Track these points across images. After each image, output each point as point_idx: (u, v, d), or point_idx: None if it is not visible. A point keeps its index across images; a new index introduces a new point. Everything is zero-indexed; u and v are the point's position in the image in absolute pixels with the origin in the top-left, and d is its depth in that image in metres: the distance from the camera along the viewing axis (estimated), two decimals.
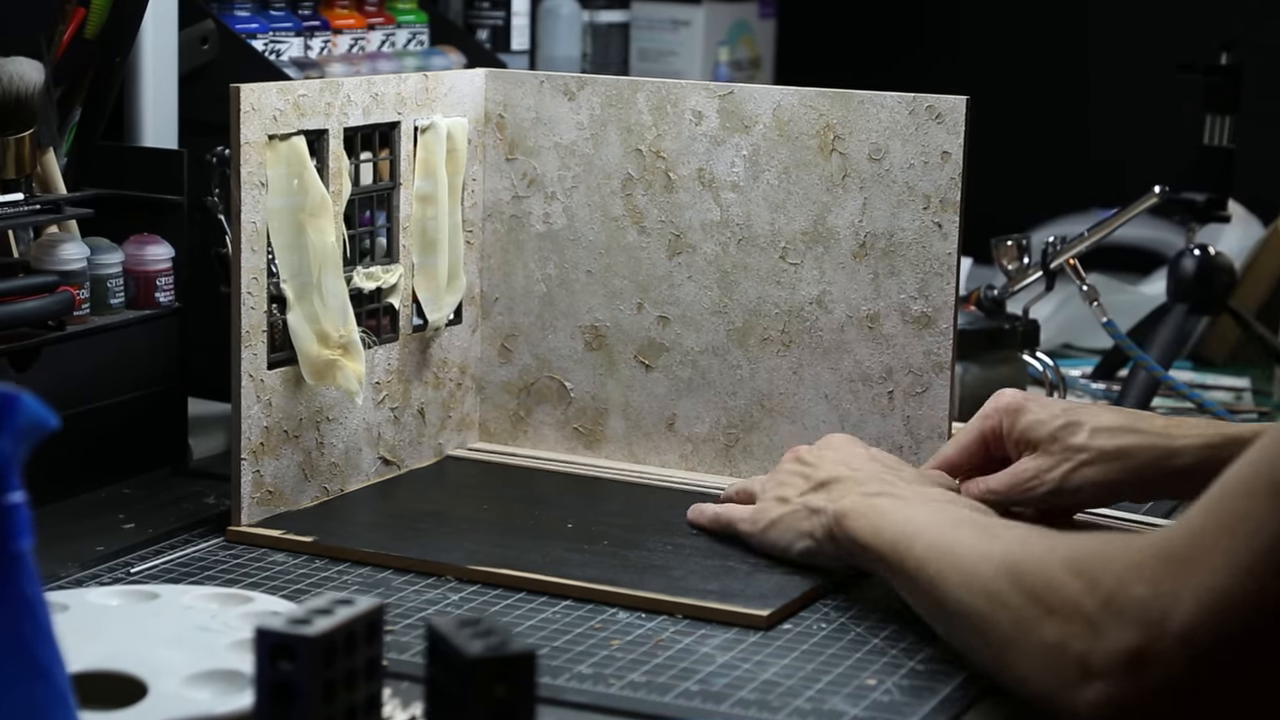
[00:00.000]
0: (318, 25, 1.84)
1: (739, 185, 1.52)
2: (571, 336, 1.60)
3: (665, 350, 1.57)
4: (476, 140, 1.59)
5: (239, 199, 1.36)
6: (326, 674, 0.92)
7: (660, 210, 1.55)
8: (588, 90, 1.57)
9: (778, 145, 1.51)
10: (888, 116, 1.47)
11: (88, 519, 1.44)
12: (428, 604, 1.27)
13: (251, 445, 1.40)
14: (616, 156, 1.56)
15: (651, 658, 1.18)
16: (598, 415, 1.60)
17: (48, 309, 1.46)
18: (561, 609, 1.27)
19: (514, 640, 0.92)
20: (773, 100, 1.51)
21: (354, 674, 0.94)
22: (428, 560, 1.33)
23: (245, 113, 1.36)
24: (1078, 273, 1.75)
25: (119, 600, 1.22)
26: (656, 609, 1.26)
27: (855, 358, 1.50)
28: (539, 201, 1.59)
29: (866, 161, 1.48)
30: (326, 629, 0.92)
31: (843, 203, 1.49)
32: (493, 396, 1.63)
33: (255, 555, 1.36)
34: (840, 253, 1.50)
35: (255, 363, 1.39)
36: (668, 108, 1.54)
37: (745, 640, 1.22)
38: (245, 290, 1.38)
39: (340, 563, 1.35)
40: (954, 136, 1.46)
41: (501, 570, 1.31)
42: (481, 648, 0.91)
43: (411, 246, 1.53)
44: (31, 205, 1.48)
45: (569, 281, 1.59)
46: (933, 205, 1.47)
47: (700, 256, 1.54)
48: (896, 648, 1.21)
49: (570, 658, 1.18)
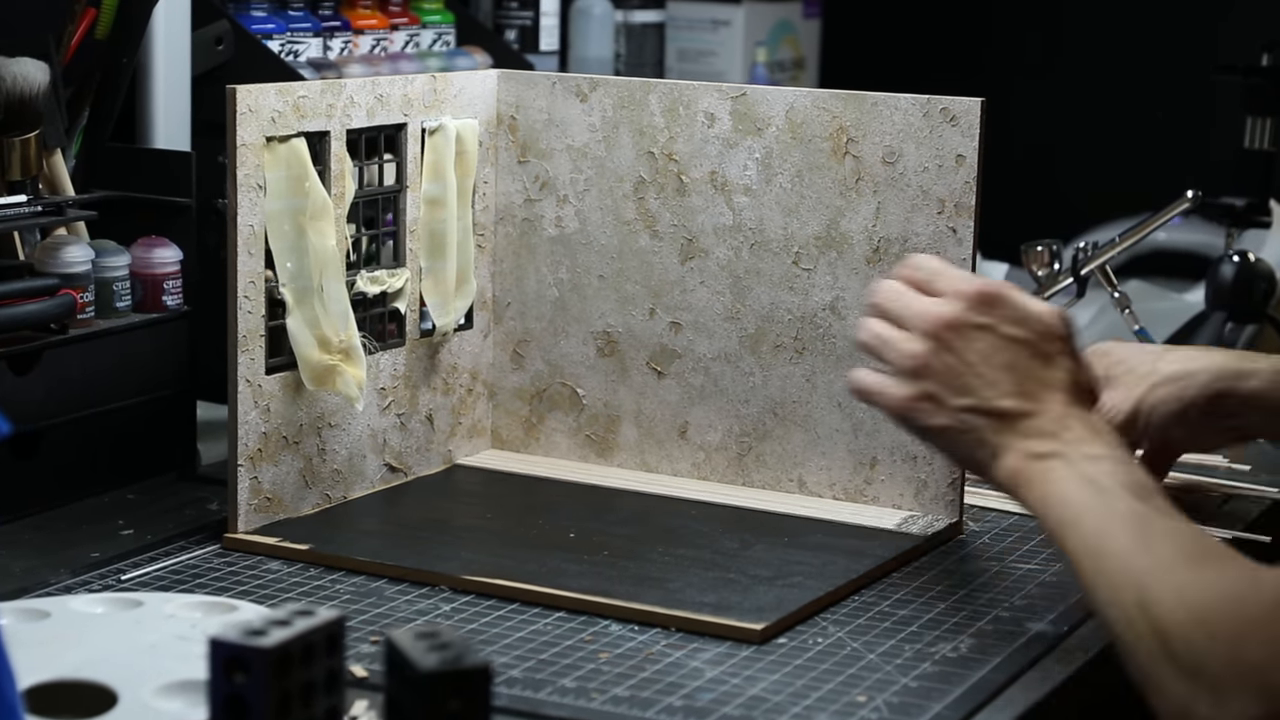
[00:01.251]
0: (338, 25, 1.84)
1: (751, 189, 1.51)
2: (584, 342, 1.59)
3: (678, 357, 1.56)
4: (488, 143, 1.59)
5: (234, 202, 1.36)
6: (281, 687, 0.92)
7: (672, 214, 1.54)
8: (600, 91, 1.56)
9: (791, 148, 1.49)
10: (901, 119, 1.46)
11: (87, 525, 1.44)
12: (418, 614, 1.26)
13: (249, 451, 1.39)
14: (629, 159, 1.55)
15: (639, 671, 1.17)
16: (610, 423, 1.59)
17: (48, 312, 1.46)
18: (554, 620, 1.26)
19: (470, 654, 0.91)
20: (785, 102, 1.50)
21: (312, 687, 0.94)
22: (422, 570, 1.33)
23: (242, 114, 1.36)
24: (1108, 279, 1.73)
25: (103, 608, 1.22)
26: (650, 621, 1.25)
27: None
28: (551, 205, 1.59)
29: (880, 165, 1.47)
30: (281, 641, 0.91)
31: (856, 207, 1.48)
32: (505, 403, 1.63)
33: (250, 563, 1.36)
34: (854, 258, 1.48)
35: (252, 367, 1.39)
36: (680, 109, 1.53)
37: (738, 655, 1.21)
38: (242, 294, 1.37)
39: (335, 571, 1.34)
40: (969, 139, 1.44)
41: (496, 580, 1.30)
42: (436, 661, 0.90)
43: (419, 250, 1.52)
44: (33, 207, 1.49)
45: (581, 286, 1.58)
46: (947, 210, 1.45)
47: (713, 261, 1.53)
48: (892, 664, 1.19)
49: (556, 670, 1.17)
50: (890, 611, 1.29)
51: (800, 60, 2.56)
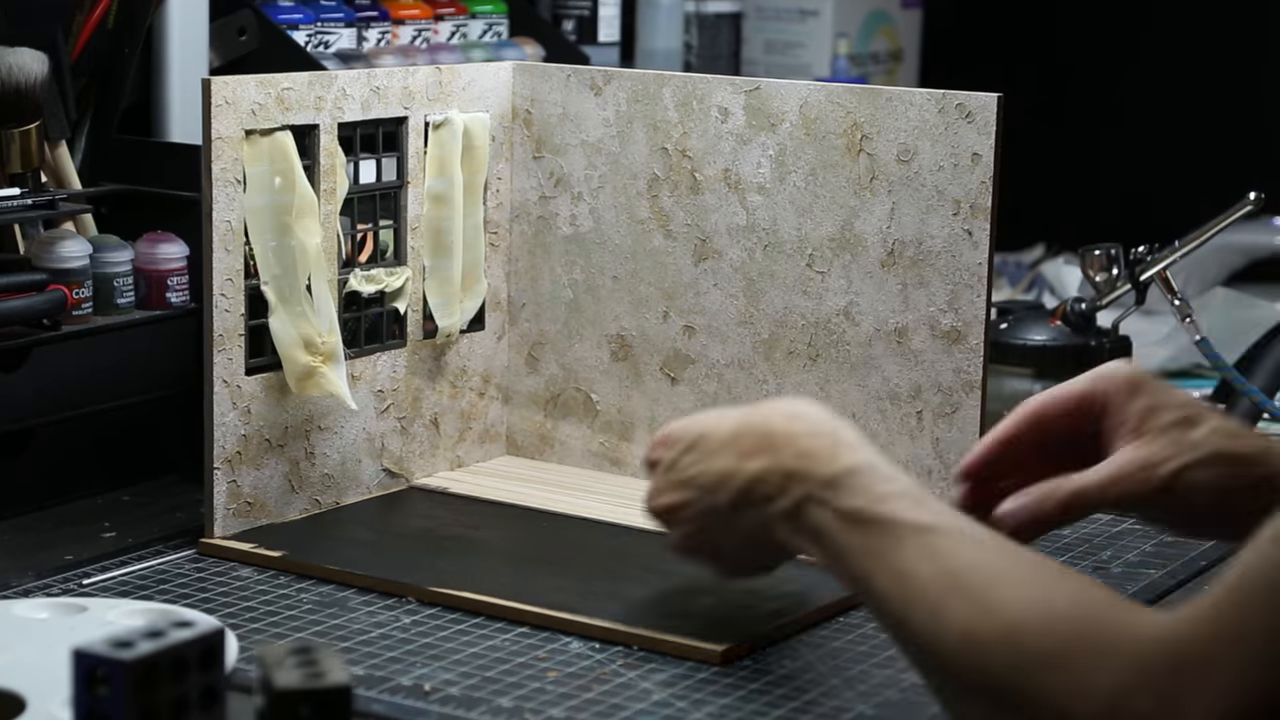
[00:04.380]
0: (375, 16, 1.84)
1: (765, 187, 1.48)
2: (598, 346, 1.57)
3: (691, 363, 1.53)
4: (503, 137, 1.58)
5: (209, 197, 1.36)
6: (146, 702, 0.91)
7: (686, 213, 1.52)
8: (614, 85, 1.54)
9: (804, 145, 1.47)
10: (916, 115, 1.43)
11: (71, 526, 1.45)
12: (375, 626, 1.25)
13: (226, 454, 1.39)
14: (643, 155, 1.53)
15: (583, 692, 1.15)
16: (624, 430, 1.57)
17: (35, 307, 1.47)
18: (515, 636, 1.24)
19: (334, 673, 0.90)
20: (799, 96, 1.47)
21: (183, 703, 0.93)
22: (389, 580, 1.32)
23: (218, 106, 1.36)
24: (1168, 285, 1.68)
25: (47, 613, 1.22)
26: (612, 639, 1.23)
27: (883, 374, 1.45)
28: (566, 202, 1.57)
29: (894, 163, 1.44)
30: (145, 654, 0.91)
31: (870, 207, 1.45)
32: (520, 408, 1.61)
33: (222, 569, 1.36)
34: (868, 261, 1.45)
35: (230, 367, 1.39)
36: (694, 104, 1.51)
37: (694, 677, 1.18)
38: (218, 292, 1.37)
39: (306, 579, 1.34)
40: (985, 137, 1.40)
41: (462, 593, 1.29)
42: (296, 679, 0.89)
43: (422, 248, 1.52)
44: (22, 201, 1.50)
45: (595, 288, 1.57)
46: (963, 211, 1.42)
47: (726, 263, 1.51)
48: (854, 690, 1.16)
49: (497, 689, 1.15)
50: (871, 635, 1.25)
51: (897, 53, 2.52)
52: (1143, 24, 2.59)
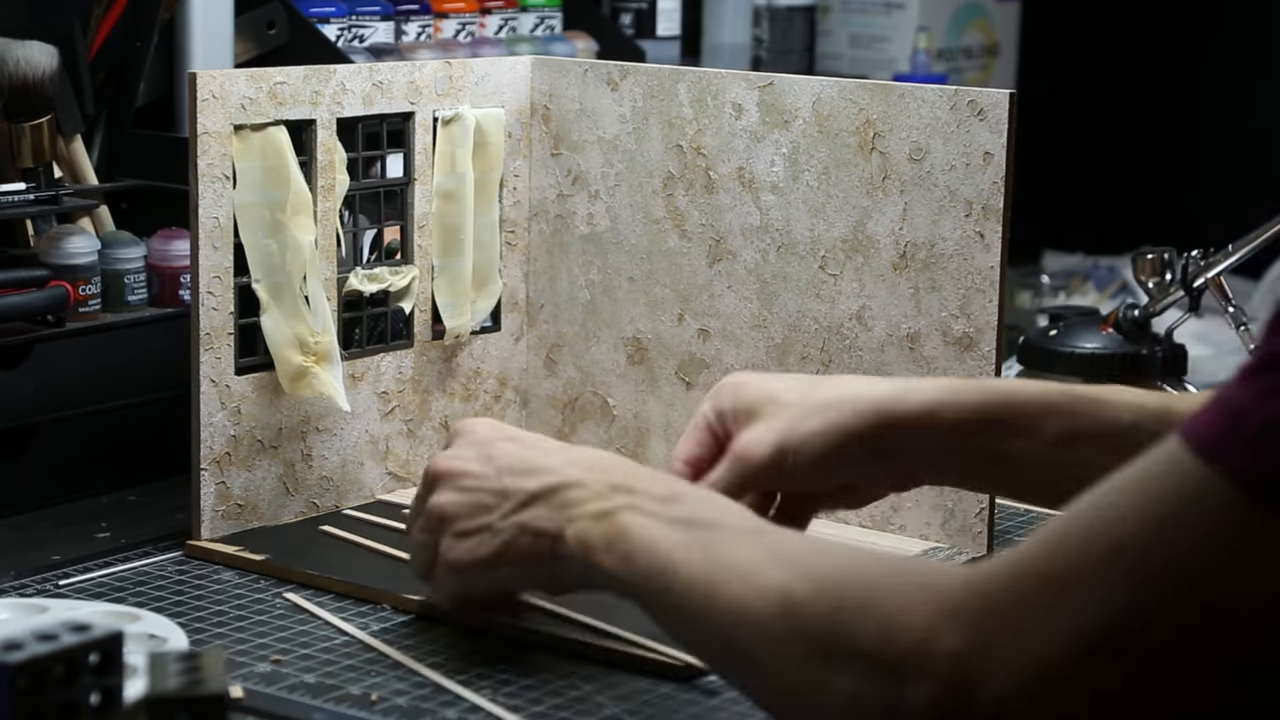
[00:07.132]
0: (415, 9, 1.85)
1: (778, 186, 1.47)
2: (614, 348, 1.57)
3: (706, 367, 1.53)
4: (521, 134, 1.58)
5: (195, 193, 1.37)
6: (31, 706, 0.92)
7: (701, 213, 1.51)
8: (630, 80, 1.54)
9: (817, 143, 1.45)
10: (928, 112, 1.41)
11: (67, 526, 1.47)
12: (338, 633, 1.26)
13: (214, 455, 1.41)
14: (658, 153, 1.53)
15: (534, 705, 1.15)
16: (640, 435, 1.57)
17: (35, 303, 1.50)
18: (479, 645, 1.24)
19: (213, 681, 0.90)
20: (812, 92, 1.46)
21: (75, 708, 0.94)
22: (365, 587, 1.32)
23: (204, 100, 1.37)
24: (1222, 292, 1.65)
25: (7, 614, 1.24)
26: (581, 652, 1.23)
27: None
28: (583, 201, 1.57)
29: (907, 162, 1.42)
30: (30, 657, 0.92)
31: (883, 208, 1.43)
32: (538, 411, 1.62)
33: (204, 572, 1.37)
34: (880, 264, 1.44)
35: (219, 367, 1.40)
36: (708, 100, 1.50)
37: (652, 691, 1.17)
38: (205, 290, 1.39)
39: (286, 584, 1.35)
40: (997, 136, 1.38)
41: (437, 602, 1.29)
42: (174, 685, 0.90)
43: (431, 247, 1.52)
44: (25, 196, 1.52)
45: (612, 289, 1.57)
46: (974, 212, 1.40)
47: (740, 264, 1.50)
48: None
49: (445, 700, 1.15)
50: None
51: (993, 46, 2.49)
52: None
